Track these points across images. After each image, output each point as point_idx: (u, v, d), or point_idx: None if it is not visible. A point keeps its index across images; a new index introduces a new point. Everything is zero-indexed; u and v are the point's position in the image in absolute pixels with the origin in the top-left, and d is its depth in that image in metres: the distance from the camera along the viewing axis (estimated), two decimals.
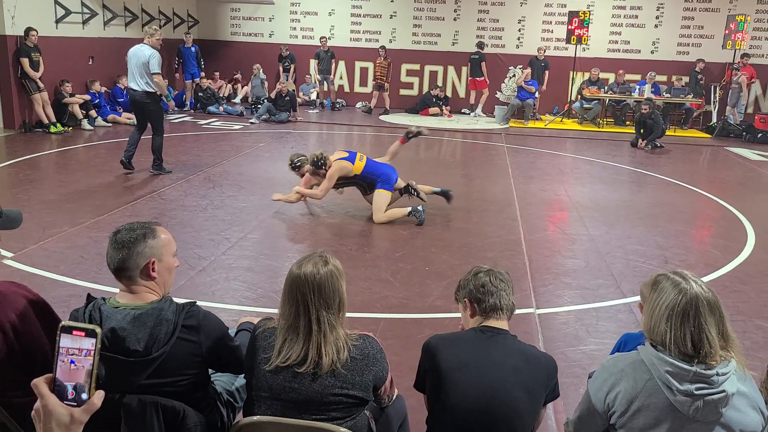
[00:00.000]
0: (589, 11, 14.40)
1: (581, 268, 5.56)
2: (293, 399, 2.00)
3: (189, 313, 2.09)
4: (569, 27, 14.12)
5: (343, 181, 6.73)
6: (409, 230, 6.43)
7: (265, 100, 13.68)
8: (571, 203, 7.89)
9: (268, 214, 6.74)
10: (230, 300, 4.64)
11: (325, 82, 15.61)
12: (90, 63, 12.59)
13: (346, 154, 6.65)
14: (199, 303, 2.69)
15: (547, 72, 14.80)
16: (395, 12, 16.06)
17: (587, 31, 13.97)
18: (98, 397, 1.15)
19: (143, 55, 7.94)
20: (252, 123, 13.14)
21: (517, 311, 4.47)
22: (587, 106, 14.47)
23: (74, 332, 1.15)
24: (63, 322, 1.16)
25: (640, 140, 12.06)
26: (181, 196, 7.29)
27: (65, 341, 1.15)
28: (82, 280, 4.78)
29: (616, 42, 15.46)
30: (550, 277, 5.34)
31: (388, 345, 4.09)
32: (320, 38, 15.44)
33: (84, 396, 1.14)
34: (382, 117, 14.64)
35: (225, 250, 5.62)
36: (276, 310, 2.17)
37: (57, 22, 11.66)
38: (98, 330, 1.16)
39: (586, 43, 14.22)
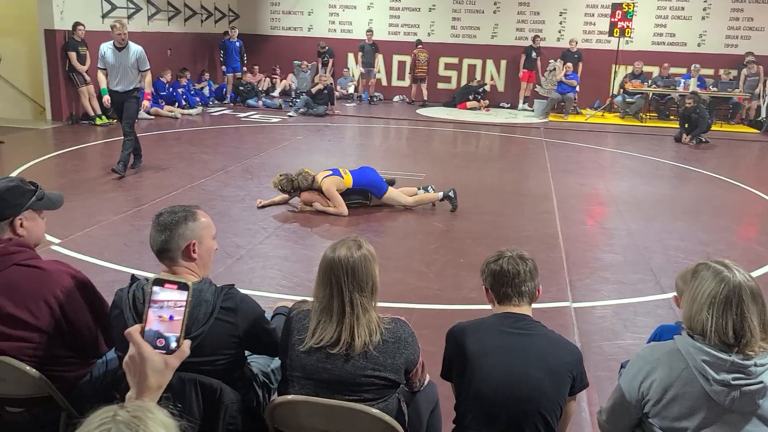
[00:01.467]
0: (634, 3, 14.10)
1: (619, 263, 5.48)
2: (326, 379, 2.04)
3: (227, 295, 2.15)
4: (612, 19, 13.87)
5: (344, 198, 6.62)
6: (445, 223, 6.42)
7: (304, 94, 13.79)
8: (610, 197, 7.76)
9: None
10: (267, 288, 4.72)
11: (368, 75, 15.61)
12: None
13: (330, 172, 6.65)
14: None
15: (581, 64, 14.56)
16: (434, 5, 16.00)
17: (631, 23, 13.69)
18: (187, 345, 1.21)
19: (134, 52, 7.46)
20: (290, 116, 13.27)
21: (553, 304, 4.53)
22: (630, 100, 14.19)
23: (167, 285, 1.21)
24: (156, 275, 1.23)
25: (684, 135, 11.78)
26: (220, 186, 7.42)
27: (158, 293, 1.20)
28: (126, 266, 4.91)
29: (661, 34, 15.11)
30: (587, 271, 5.28)
31: (422, 335, 4.08)
32: (366, 31, 15.43)
33: (174, 345, 1.20)
34: (419, 111, 14.63)
35: (262, 239, 5.71)
36: (311, 299, 2.21)
37: (103, 16, 11.95)
38: (190, 283, 1.21)
39: (630, 36, 13.94)
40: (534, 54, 14.97)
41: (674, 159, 10.41)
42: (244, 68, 14.91)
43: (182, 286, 1.21)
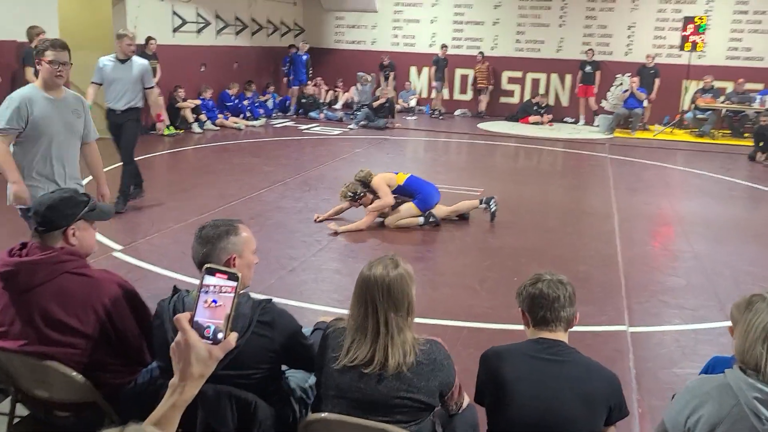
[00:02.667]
0: (707, 16, 13.62)
1: (682, 287, 5.25)
2: (359, 399, 2.02)
3: (264, 309, 2.16)
4: (683, 33, 13.41)
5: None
6: (500, 239, 6.32)
7: (365, 107, 13.91)
8: (677, 218, 7.46)
9: (360, 218, 6.83)
10: (317, 301, 4.74)
11: (440, 90, 15.48)
12: (202, 70, 13.31)
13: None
14: (286, 302, 2.74)
15: (657, 80, 14.08)
16: (498, 18, 15.87)
17: (703, 37, 13.19)
18: (233, 337, 1.21)
19: (138, 66, 6.53)
20: (351, 129, 13.40)
21: (608, 328, 4.38)
22: (701, 116, 13.64)
23: (217, 275, 1.21)
24: (207, 264, 1.22)
25: (759, 153, 11.23)
26: (278, 198, 7.54)
27: (208, 281, 1.20)
28: (182, 274, 5.04)
29: (736, 49, 14.47)
30: (646, 294, 5.07)
31: (470, 354, 4.04)
32: (442, 45, 15.37)
33: (220, 336, 1.20)
34: (480, 125, 14.50)
35: (316, 252, 5.76)
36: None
37: (174, 31, 12.43)
38: (239, 274, 1.21)
39: (702, 50, 13.44)
40: (588, 68, 14.60)
41: (748, 179, 9.93)
42: (310, 81, 15.19)
43: (232, 276, 1.21)
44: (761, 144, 11.26)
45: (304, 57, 15.07)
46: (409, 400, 2.00)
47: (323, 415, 2.04)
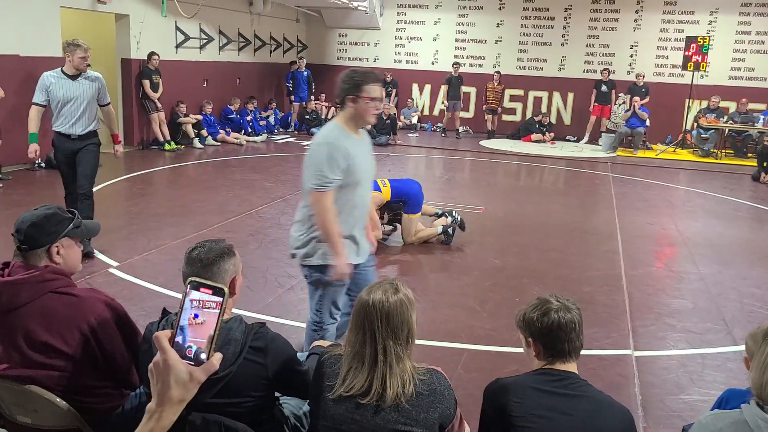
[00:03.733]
0: (709, 36, 13.62)
1: (688, 310, 5.14)
2: (355, 431, 1.91)
3: (257, 334, 2.07)
4: (686, 53, 13.41)
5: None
6: (502, 259, 6.22)
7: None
8: (681, 239, 7.37)
9: None
10: None
11: (453, 109, 15.25)
12: (204, 85, 13.30)
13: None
14: (284, 321, 2.63)
15: (647, 98, 14.06)
16: (501, 37, 15.90)
17: (706, 57, 13.19)
18: (217, 359, 1.10)
19: (95, 80, 5.65)
20: None
21: (613, 352, 4.27)
22: (704, 135, 13.60)
23: (202, 289, 1.10)
24: (191, 278, 1.11)
25: (763, 174, 11.16)
26: (277, 214, 7.46)
27: (192, 297, 1.10)
28: (178, 292, 4.94)
29: (739, 69, 14.48)
30: (651, 317, 4.97)
31: (471, 378, 3.94)
32: (453, 64, 15.22)
33: (203, 356, 1.10)
34: (482, 143, 14.45)
35: None
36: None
37: (177, 46, 12.43)
38: (226, 289, 1.11)
39: (705, 70, 13.43)
40: (604, 87, 14.59)
41: (752, 199, 9.85)
42: (312, 97, 15.18)
43: (217, 291, 1.10)
44: (765, 164, 11.19)
45: (305, 73, 15.07)
46: None
47: None
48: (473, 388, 3.46)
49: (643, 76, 14.24)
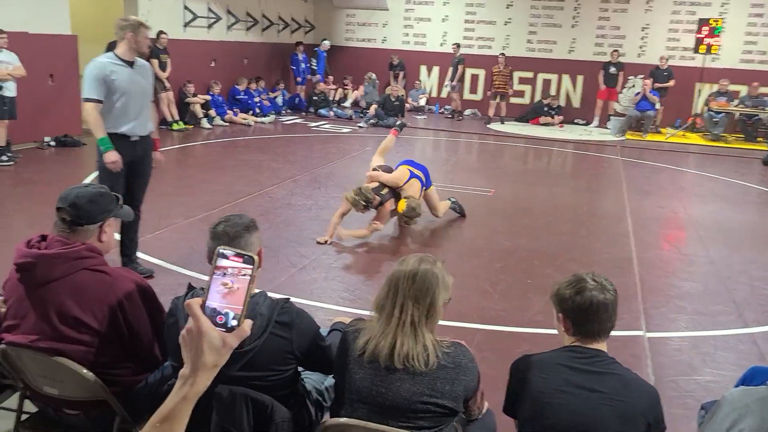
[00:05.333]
0: (722, 19, 13.47)
1: (699, 292, 5.15)
2: (380, 403, 1.94)
3: (283, 309, 2.09)
4: (698, 35, 13.28)
5: (387, 195, 6.07)
6: (513, 242, 6.23)
7: (375, 104, 13.83)
8: (691, 222, 7.36)
9: (370, 217, 6.76)
10: (327, 299, 4.67)
11: (455, 90, 15.16)
12: (212, 65, 13.25)
13: (408, 174, 6.20)
14: (296, 300, 2.66)
15: (672, 81, 13.90)
16: (510, 18, 15.76)
17: (718, 39, 13.06)
18: (248, 324, 1.11)
19: (150, 70, 4.73)
20: (360, 127, 13.32)
21: (625, 333, 4.28)
22: (715, 119, 13.50)
23: (231, 257, 1.10)
24: (220, 247, 1.11)
25: None
26: (287, 195, 7.47)
27: (221, 265, 1.11)
28: (191, 270, 4.98)
29: (751, 52, 14.33)
30: (662, 299, 4.98)
31: (483, 357, 3.96)
32: (453, 45, 14.99)
33: (234, 322, 1.11)
34: (490, 125, 14.38)
35: (326, 249, 5.69)
36: (369, 316, 2.14)
37: (185, 25, 12.37)
38: (256, 258, 1.11)
39: (716, 53, 13.31)
40: (613, 69, 14.44)
41: (762, 183, 9.81)
42: (329, 77, 15.33)
43: (247, 260, 1.10)
44: None
45: (325, 54, 15.09)
46: (432, 405, 1.93)
47: (342, 420, 1.96)
48: (486, 368, 3.47)
49: (667, 60, 14.03)
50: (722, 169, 10.71)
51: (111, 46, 5.15)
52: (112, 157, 4.32)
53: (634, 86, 14.09)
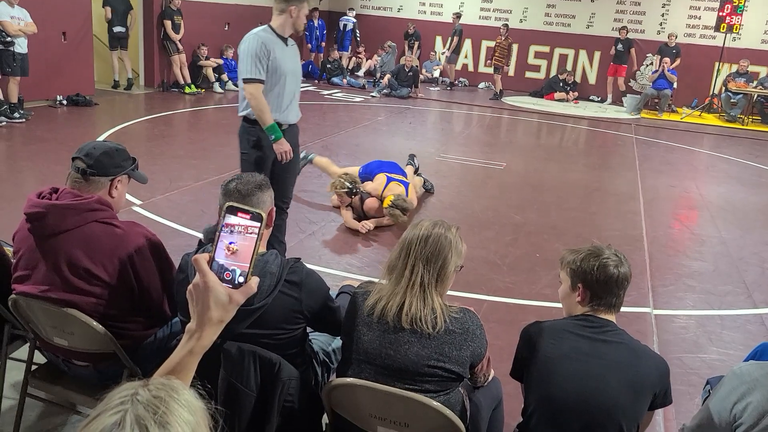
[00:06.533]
0: None
1: (708, 272, 5.13)
2: (388, 365, 1.95)
3: (293, 268, 2.09)
4: (720, 13, 13.01)
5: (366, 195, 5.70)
6: (523, 215, 6.20)
7: (389, 74, 13.70)
8: (703, 202, 7.30)
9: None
10: (336, 266, 4.69)
11: (450, 62, 15.16)
12: (226, 29, 13.13)
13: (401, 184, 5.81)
14: (306, 266, 2.65)
15: (678, 60, 13.69)
16: None
17: (741, 18, 12.80)
18: (255, 281, 1.12)
19: (297, 52, 4.13)
20: (373, 96, 13.23)
21: (633, 309, 4.28)
22: (733, 100, 13.30)
23: (239, 214, 1.10)
24: (229, 203, 1.11)
25: None
26: None
27: (229, 222, 1.11)
28: (200, 232, 4.98)
29: None
30: (671, 277, 4.96)
31: (490, 328, 3.94)
32: (453, 14, 14.84)
33: (240, 279, 1.12)
34: (503, 99, 14.22)
35: (335, 216, 5.68)
36: (378, 280, 2.14)
37: None
38: (264, 214, 1.11)
39: (738, 32, 13.05)
40: (621, 46, 14.19)
41: None
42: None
43: (255, 216, 1.10)
44: None
45: (352, 24, 15.16)
46: (439, 369, 1.93)
47: (349, 380, 1.97)
48: (491, 338, 3.47)
49: (675, 37, 13.82)
50: (738, 150, 10.58)
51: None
52: (286, 146, 3.89)
53: (652, 64, 13.87)
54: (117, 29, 10.73)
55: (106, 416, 0.85)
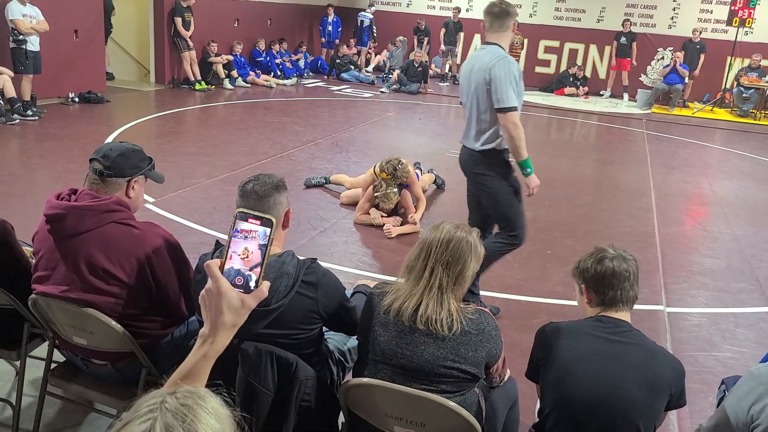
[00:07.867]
0: None
1: (721, 269, 5.11)
2: (404, 365, 1.96)
3: (309, 269, 2.10)
4: (732, 7, 12.91)
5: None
6: (533, 212, 6.17)
7: (398, 70, 13.69)
8: (715, 198, 7.26)
9: None
10: (348, 263, 4.70)
11: (449, 54, 15.20)
12: (235, 25, 13.15)
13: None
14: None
15: (702, 56, 13.58)
16: None
17: (753, 12, 12.69)
18: (266, 286, 1.15)
19: (490, 59, 3.53)
20: (382, 92, 13.22)
21: (645, 307, 4.27)
22: (745, 95, 13.20)
23: (250, 220, 1.13)
24: (239, 209, 1.14)
25: None
26: (308, 158, 7.47)
27: (240, 227, 1.13)
28: (213, 230, 5.02)
29: None
30: (684, 274, 4.95)
31: (502, 325, 3.96)
32: (453, 8, 14.99)
33: (252, 284, 1.14)
34: None
35: (346, 213, 5.70)
36: (392, 278, 2.15)
37: None
38: (274, 219, 1.13)
39: (750, 26, 12.94)
40: (624, 39, 14.08)
41: None
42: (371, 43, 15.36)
43: (265, 222, 1.13)
44: None
45: (369, 20, 15.17)
46: (455, 370, 1.94)
47: (366, 380, 1.99)
48: (503, 336, 3.49)
49: (700, 32, 13.66)
50: (750, 146, 10.51)
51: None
52: (536, 180, 3.78)
53: (663, 58, 13.78)
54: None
55: (136, 424, 0.87)
